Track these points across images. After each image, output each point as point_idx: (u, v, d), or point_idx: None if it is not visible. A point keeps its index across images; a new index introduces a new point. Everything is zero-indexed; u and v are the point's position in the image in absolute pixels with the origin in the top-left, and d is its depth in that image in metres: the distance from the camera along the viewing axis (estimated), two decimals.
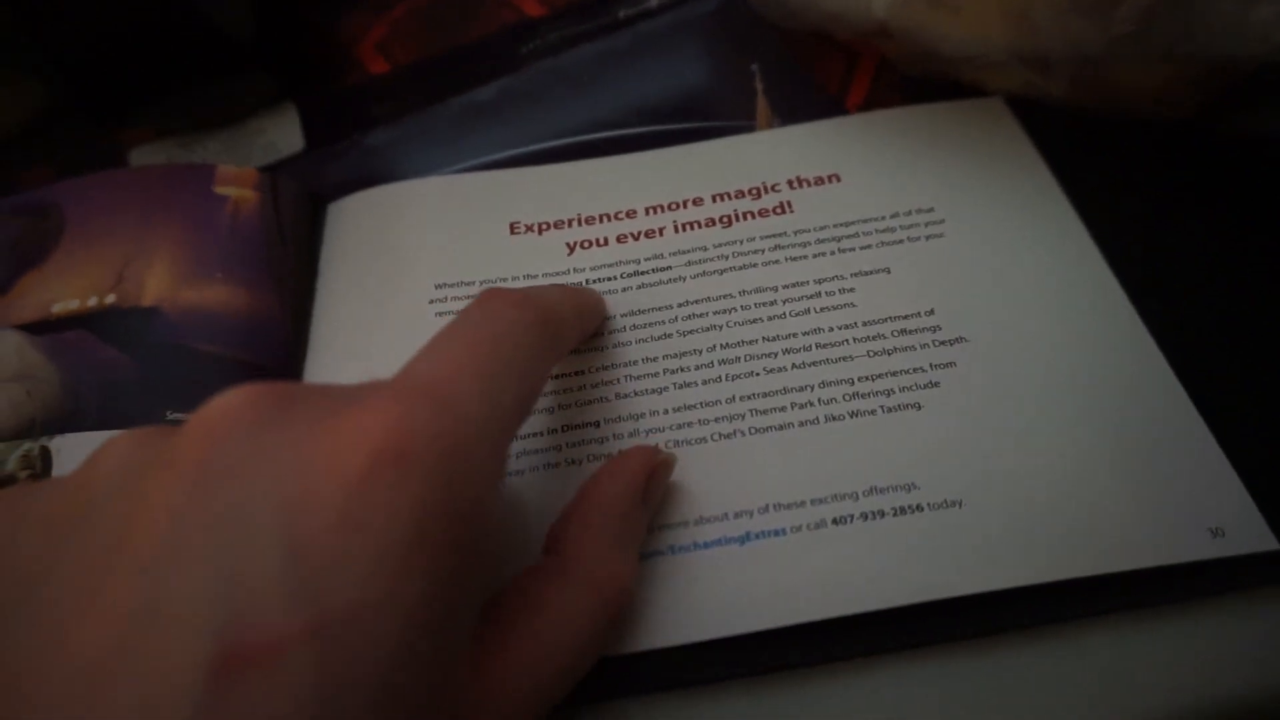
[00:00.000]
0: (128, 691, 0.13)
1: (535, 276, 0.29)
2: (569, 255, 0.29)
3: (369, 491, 0.15)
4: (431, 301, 0.28)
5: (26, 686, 0.13)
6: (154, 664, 0.13)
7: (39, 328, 0.27)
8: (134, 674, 0.13)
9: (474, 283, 0.29)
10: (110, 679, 0.13)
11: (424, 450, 0.15)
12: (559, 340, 0.22)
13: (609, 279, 0.28)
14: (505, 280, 0.29)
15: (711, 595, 0.22)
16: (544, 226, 0.30)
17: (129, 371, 0.26)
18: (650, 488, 0.22)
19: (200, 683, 0.13)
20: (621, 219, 0.30)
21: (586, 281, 0.28)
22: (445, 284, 0.29)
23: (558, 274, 0.29)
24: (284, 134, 0.36)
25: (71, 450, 0.25)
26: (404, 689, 0.14)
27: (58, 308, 0.27)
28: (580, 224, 0.30)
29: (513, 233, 0.30)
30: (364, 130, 0.35)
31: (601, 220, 0.30)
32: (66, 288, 0.28)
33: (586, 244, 0.30)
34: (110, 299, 0.27)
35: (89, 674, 0.13)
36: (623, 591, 0.20)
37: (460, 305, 0.28)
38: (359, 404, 0.16)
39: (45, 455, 0.24)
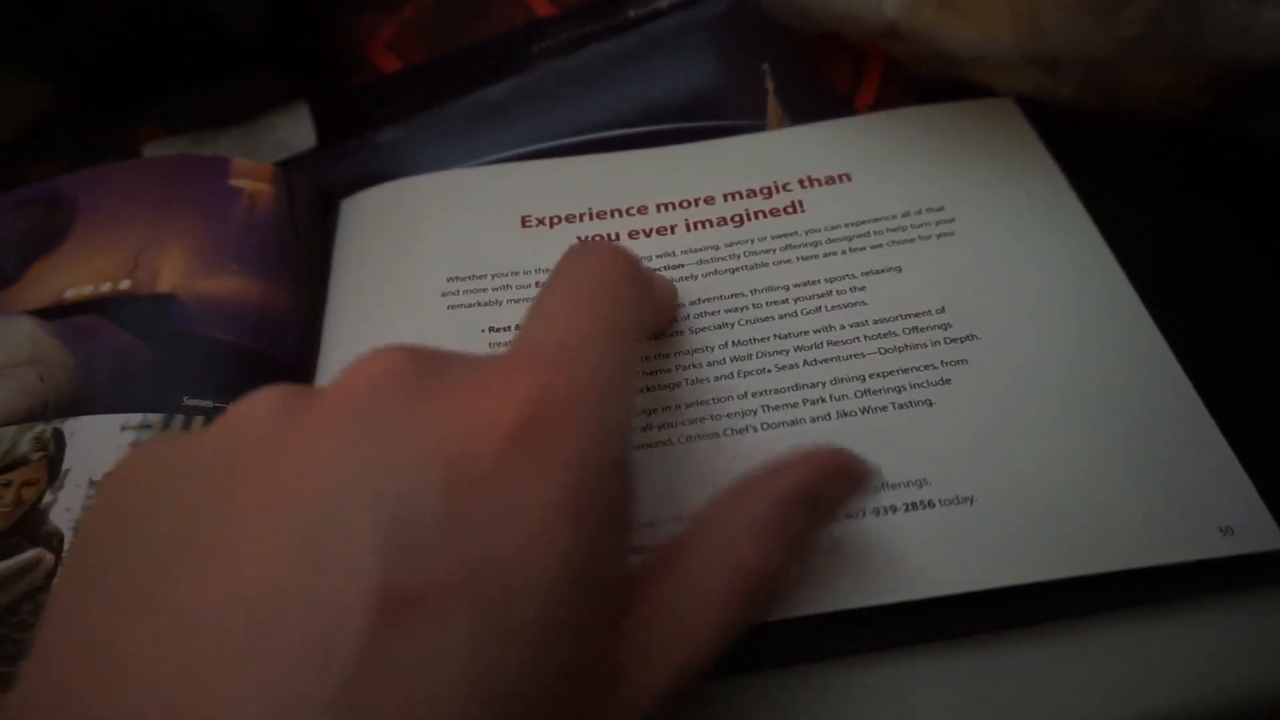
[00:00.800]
0: (295, 627, 0.13)
1: (546, 271, 0.29)
2: None
3: (520, 449, 0.15)
4: (444, 295, 0.29)
5: (195, 620, 0.14)
6: (319, 602, 0.13)
7: (52, 313, 0.27)
8: (300, 611, 0.13)
9: (486, 275, 0.29)
10: (277, 615, 0.13)
11: (564, 411, 0.16)
12: (649, 295, 0.23)
13: None
14: (517, 274, 0.29)
15: None
16: (555, 220, 0.30)
17: (143, 357, 0.26)
18: (826, 489, 0.20)
19: (365, 622, 0.13)
20: (633, 215, 0.30)
21: None
22: (457, 277, 0.29)
23: None
24: (296, 131, 0.36)
25: (84, 433, 0.24)
26: (554, 640, 0.15)
27: (71, 293, 0.27)
28: (592, 218, 0.30)
29: (524, 226, 0.30)
30: (375, 128, 0.35)
31: (613, 215, 0.30)
32: (80, 273, 0.28)
33: (597, 239, 0.30)
34: (125, 285, 0.27)
35: (256, 610, 0.13)
36: (764, 576, 0.19)
37: (472, 299, 0.28)
38: (499, 371, 0.17)
39: (58, 438, 0.24)
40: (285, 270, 0.29)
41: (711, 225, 0.30)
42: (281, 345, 0.28)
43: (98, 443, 0.24)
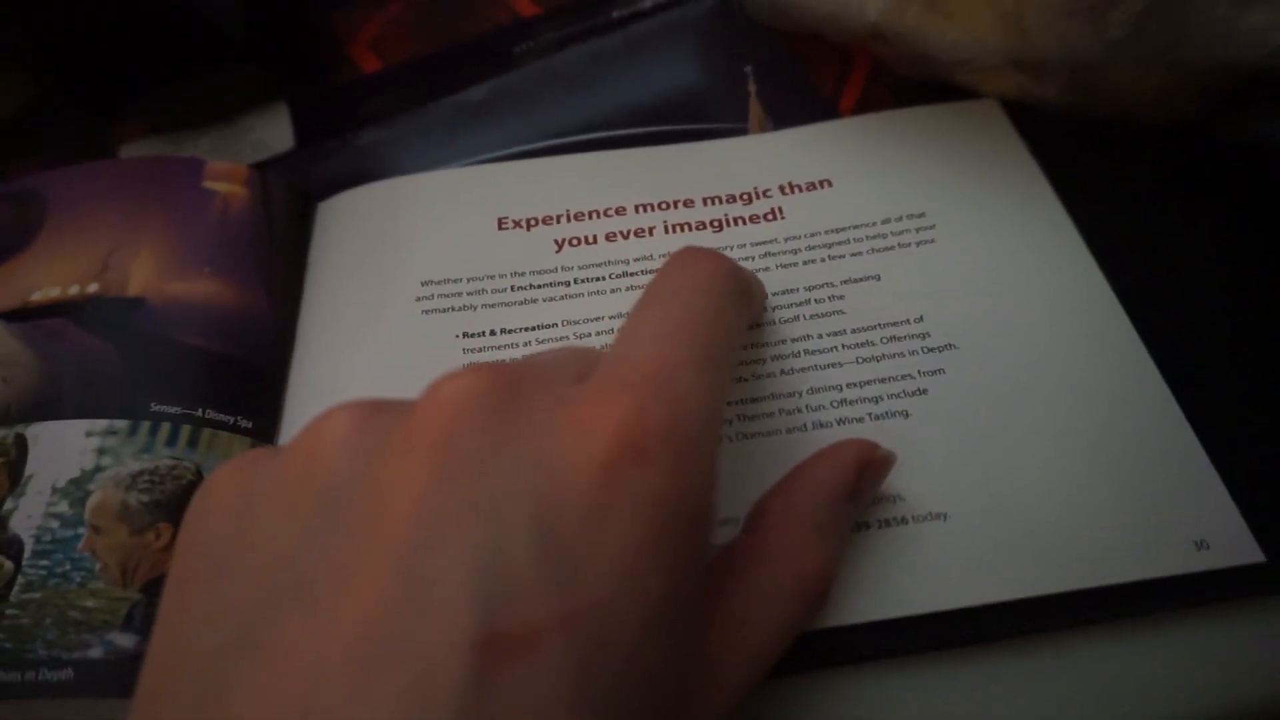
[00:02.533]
0: (397, 672, 0.13)
1: (522, 274, 0.28)
2: (557, 252, 0.29)
3: (612, 486, 0.15)
4: (418, 299, 0.28)
5: (299, 663, 0.13)
6: (420, 646, 0.13)
7: (17, 315, 0.27)
8: (401, 655, 0.13)
9: (461, 279, 0.28)
10: (378, 659, 0.13)
11: (659, 446, 0.16)
12: (752, 311, 0.23)
13: (597, 279, 0.28)
14: (492, 277, 0.28)
15: None
16: (532, 222, 0.30)
17: (111, 361, 0.26)
18: (862, 483, 0.22)
19: (467, 665, 0.13)
20: (611, 216, 0.30)
21: (575, 281, 0.28)
22: (431, 281, 0.29)
23: (545, 271, 0.29)
24: (274, 132, 0.35)
25: (48, 438, 0.24)
26: (649, 676, 0.15)
27: (37, 295, 0.27)
28: (569, 220, 0.30)
29: (500, 228, 0.30)
30: (355, 129, 0.35)
31: (591, 217, 0.30)
32: (47, 275, 0.27)
33: (575, 241, 0.29)
34: (93, 288, 0.27)
35: (355, 654, 0.13)
36: (822, 580, 0.20)
37: (446, 303, 0.28)
38: (590, 396, 0.16)
39: (20, 443, 0.24)
40: (259, 274, 0.29)
41: (690, 229, 0.29)
42: (254, 350, 0.27)
43: (61, 448, 0.24)
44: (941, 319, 0.26)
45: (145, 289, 0.27)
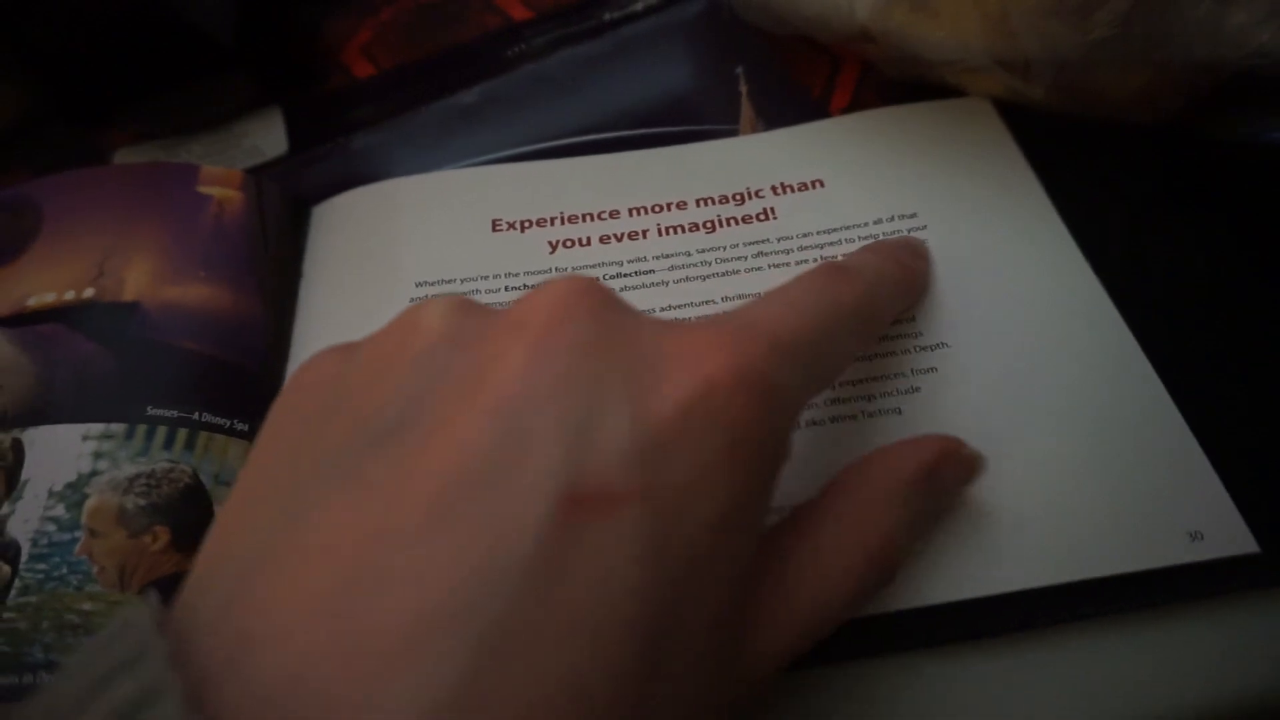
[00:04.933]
0: (479, 509, 0.14)
1: (516, 275, 0.29)
2: (551, 254, 0.29)
3: (708, 397, 0.16)
4: (412, 300, 0.28)
5: (388, 495, 0.14)
6: (506, 490, 0.14)
7: (13, 320, 0.27)
8: (486, 497, 0.14)
9: (455, 280, 0.29)
10: (463, 497, 0.14)
11: (754, 381, 0.16)
12: (872, 325, 0.24)
13: None
14: (486, 278, 0.29)
15: None
16: (526, 224, 0.30)
17: (106, 366, 0.26)
18: (942, 469, 0.21)
19: (545, 517, 0.14)
20: (605, 219, 0.30)
21: None
22: (426, 283, 0.29)
23: (539, 273, 0.29)
24: (268, 137, 0.35)
25: (44, 443, 0.24)
26: (715, 567, 0.16)
27: (33, 301, 0.27)
28: (563, 222, 0.30)
29: (494, 230, 0.30)
30: (348, 134, 0.35)
31: (584, 219, 0.30)
32: (43, 281, 0.27)
33: (569, 243, 0.29)
34: (89, 293, 0.27)
35: (446, 492, 0.14)
36: (887, 551, 0.20)
37: None
38: (702, 326, 0.17)
39: (17, 447, 0.24)
40: (254, 278, 0.29)
41: (683, 231, 0.29)
42: (248, 354, 0.27)
43: (58, 453, 0.24)
44: (934, 317, 0.26)
45: (141, 294, 0.27)
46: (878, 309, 0.23)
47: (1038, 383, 0.25)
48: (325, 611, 0.13)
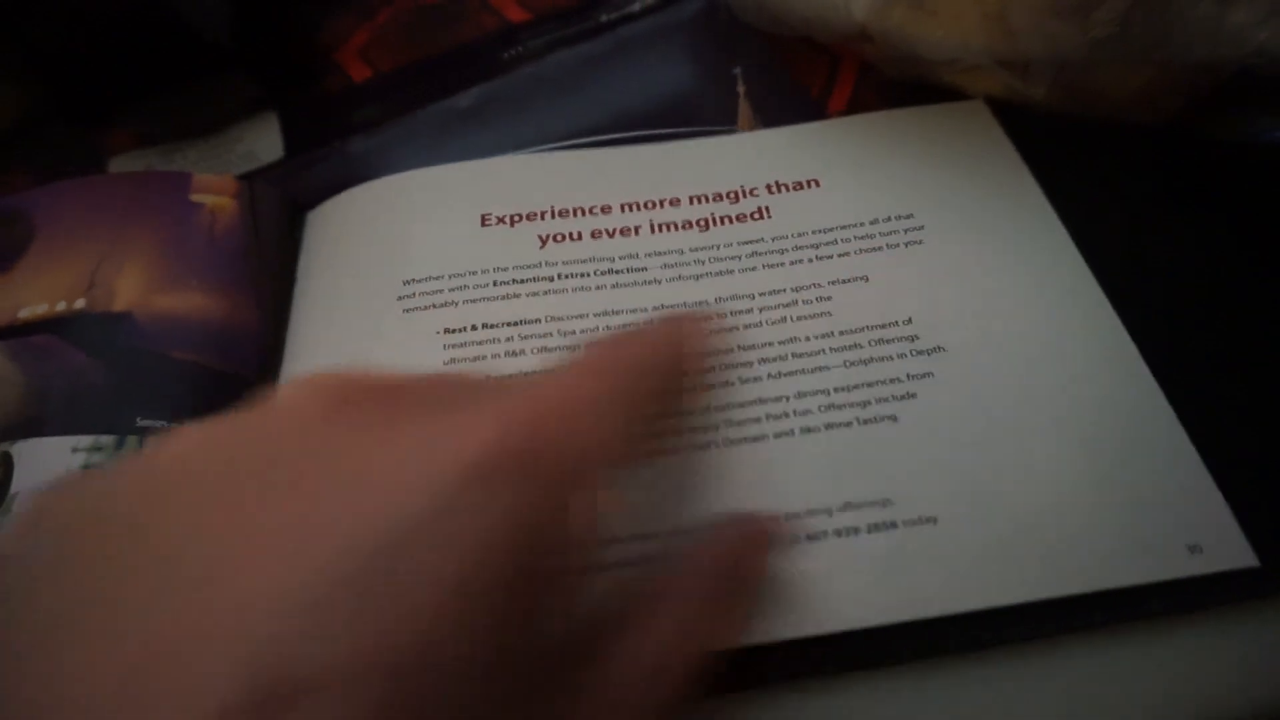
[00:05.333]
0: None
1: (505, 269, 0.28)
2: (541, 249, 0.29)
3: (450, 507, 0.13)
4: (399, 298, 0.28)
5: (73, 696, 0.12)
6: (185, 694, 0.12)
7: (4, 333, 0.27)
8: (166, 699, 0.12)
9: (443, 276, 0.28)
10: (145, 699, 0.12)
11: (519, 466, 0.14)
12: (674, 394, 0.21)
13: (582, 275, 0.28)
14: (474, 274, 0.28)
15: None
16: (515, 218, 0.30)
17: (98, 377, 0.26)
18: (746, 567, 0.20)
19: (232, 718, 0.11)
20: (596, 214, 0.30)
21: (559, 277, 0.28)
22: (414, 279, 0.28)
23: (529, 266, 0.28)
24: (263, 142, 0.35)
25: (34, 456, 0.24)
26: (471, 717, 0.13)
27: (25, 312, 0.27)
28: (553, 216, 0.30)
29: (484, 224, 0.30)
30: (345, 137, 0.35)
31: (575, 214, 0.30)
32: (34, 292, 0.28)
33: (559, 237, 0.29)
34: (80, 304, 0.27)
35: (127, 689, 0.12)
36: (704, 655, 0.18)
37: (428, 300, 0.28)
38: (456, 418, 0.15)
39: (6, 460, 0.24)
40: (247, 285, 0.29)
41: (677, 228, 0.29)
42: (242, 362, 0.27)
43: (47, 465, 0.24)
44: (930, 321, 0.26)
45: (132, 303, 0.27)
46: (679, 362, 0.20)
47: (1035, 390, 0.24)
48: None
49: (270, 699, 0.11)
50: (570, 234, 0.29)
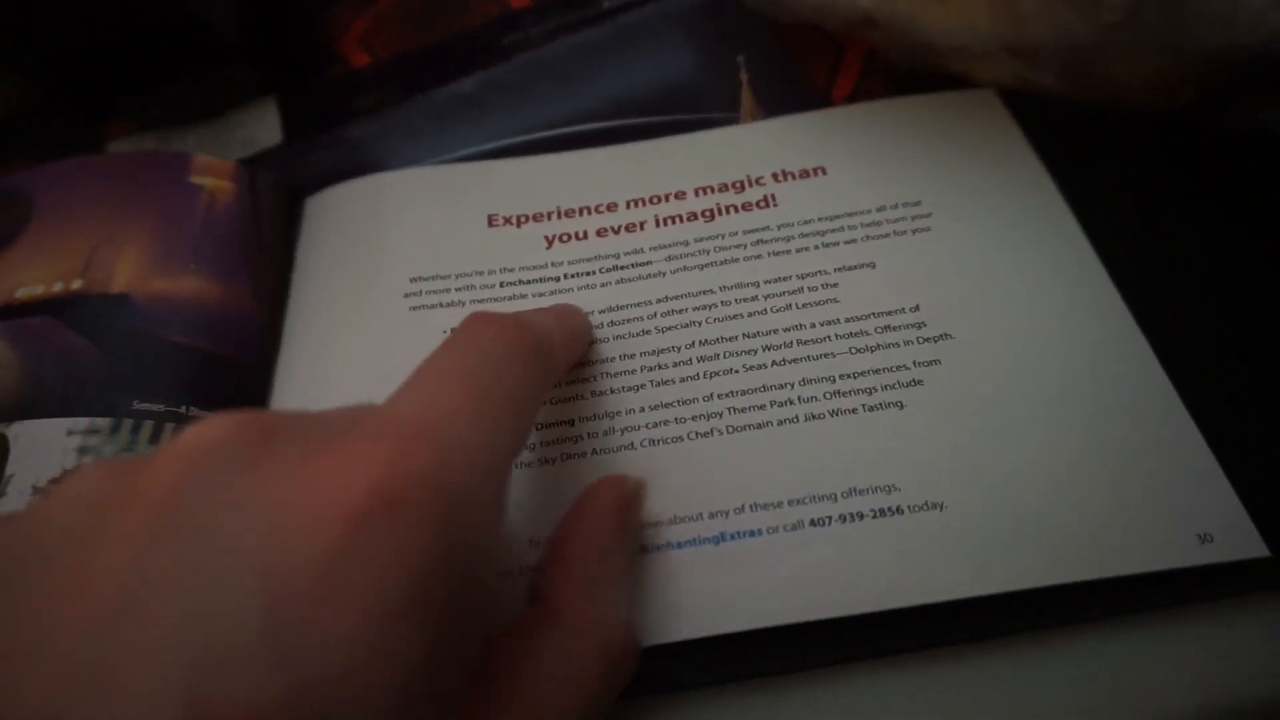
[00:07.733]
0: None
1: (513, 270, 0.28)
2: (547, 249, 0.29)
3: (358, 542, 0.13)
4: (406, 295, 0.28)
5: None
6: None
7: (1, 313, 0.26)
8: None
9: (450, 276, 0.28)
10: None
11: (420, 496, 0.14)
12: (551, 369, 0.22)
13: (588, 273, 0.28)
14: (481, 274, 0.28)
15: (684, 596, 0.21)
16: (522, 219, 0.30)
17: (94, 359, 0.26)
18: (624, 522, 0.21)
19: None
20: (602, 212, 0.30)
21: (565, 276, 0.28)
22: (420, 278, 0.28)
23: (536, 267, 0.28)
24: (263, 127, 0.35)
25: (30, 438, 0.24)
26: None
27: (21, 293, 0.27)
28: (560, 217, 0.30)
29: (490, 225, 0.30)
30: (345, 123, 0.35)
31: (581, 213, 0.30)
32: (31, 273, 0.27)
33: (565, 237, 0.29)
34: (77, 285, 0.27)
35: None
36: (621, 639, 0.18)
37: (435, 299, 0.28)
38: (347, 443, 0.15)
39: (2, 443, 0.24)
40: (245, 270, 0.28)
41: (681, 220, 0.29)
42: (239, 346, 0.27)
43: (43, 448, 0.24)
44: (937, 308, 0.26)
45: (130, 286, 0.27)
46: (547, 342, 0.21)
47: (1043, 378, 0.24)
48: None
49: None
50: (576, 234, 0.29)
